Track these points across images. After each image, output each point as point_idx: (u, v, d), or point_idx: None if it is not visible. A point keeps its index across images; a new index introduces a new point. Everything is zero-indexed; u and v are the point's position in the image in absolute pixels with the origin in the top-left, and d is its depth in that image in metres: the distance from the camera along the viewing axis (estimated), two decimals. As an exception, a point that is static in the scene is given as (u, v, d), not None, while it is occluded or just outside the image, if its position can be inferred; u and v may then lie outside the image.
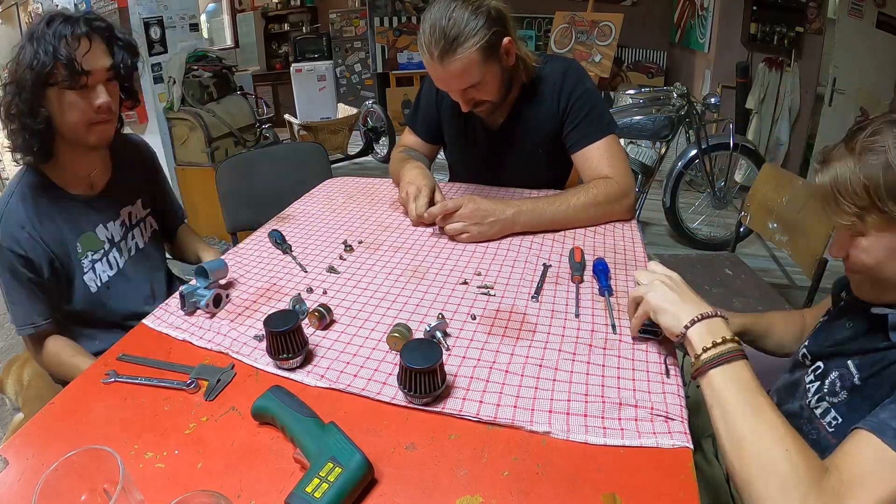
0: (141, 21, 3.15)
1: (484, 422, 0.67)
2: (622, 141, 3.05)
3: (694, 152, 2.96)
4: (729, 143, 2.94)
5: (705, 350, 0.67)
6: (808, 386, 0.80)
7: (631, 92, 3.20)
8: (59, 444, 0.66)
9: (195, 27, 3.55)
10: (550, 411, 0.68)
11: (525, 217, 1.14)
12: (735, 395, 0.63)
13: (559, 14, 4.28)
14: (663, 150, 2.98)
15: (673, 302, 0.74)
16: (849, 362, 0.75)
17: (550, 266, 1.04)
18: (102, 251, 1.09)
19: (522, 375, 0.74)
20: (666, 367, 0.76)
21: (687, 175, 3.09)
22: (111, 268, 1.10)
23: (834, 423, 0.74)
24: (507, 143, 1.38)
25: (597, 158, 1.24)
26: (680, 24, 4.75)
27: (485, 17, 1.07)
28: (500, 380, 0.74)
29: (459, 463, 0.62)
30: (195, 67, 3.23)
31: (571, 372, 0.75)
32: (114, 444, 0.56)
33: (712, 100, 2.94)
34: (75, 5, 3.29)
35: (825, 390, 0.77)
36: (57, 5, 3.49)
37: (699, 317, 0.71)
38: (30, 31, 0.94)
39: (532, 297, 0.94)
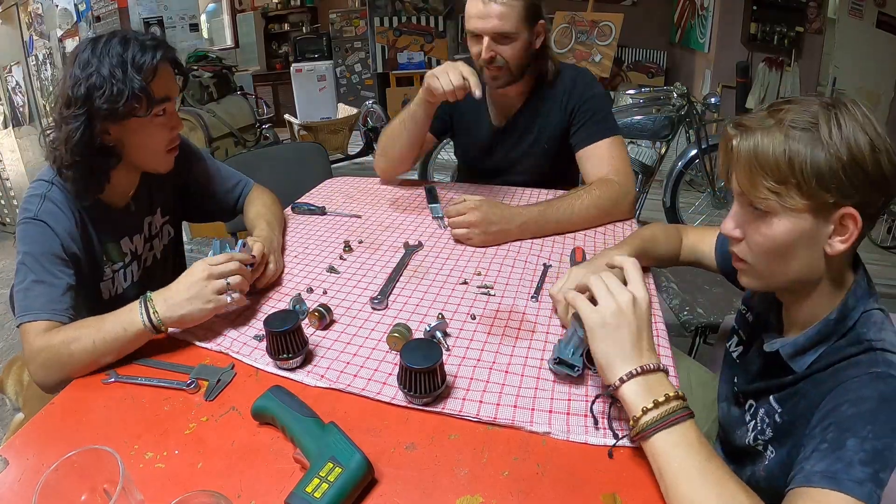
0: (141, 21, 3.15)
1: (484, 422, 0.67)
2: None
3: (694, 152, 2.96)
4: (729, 143, 2.94)
5: (645, 411, 0.60)
6: (747, 424, 0.78)
7: (631, 92, 3.20)
8: (59, 444, 0.66)
9: (195, 27, 3.55)
10: (550, 411, 0.68)
11: (531, 227, 1.15)
12: (683, 461, 0.57)
13: (559, 14, 4.28)
14: (663, 150, 2.98)
15: (615, 343, 0.65)
16: (771, 398, 0.73)
17: (550, 266, 1.04)
18: (122, 263, 1.06)
19: (522, 376, 0.74)
20: (594, 416, 0.68)
21: (687, 175, 3.09)
22: (125, 280, 1.08)
23: (771, 455, 0.72)
24: (511, 141, 1.42)
25: (599, 157, 1.28)
26: (680, 23, 4.75)
27: None
28: (500, 380, 0.74)
29: (459, 463, 0.62)
30: (195, 67, 3.23)
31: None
32: (114, 444, 0.56)
33: (712, 100, 2.94)
34: (75, 5, 3.29)
35: (758, 428, 0.75)
36: (57, 6, 3.49)
37: (637, 371, 0.62)
38: (96, 52, 0.87)
39: (532, 297, 0.94)
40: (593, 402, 0.69)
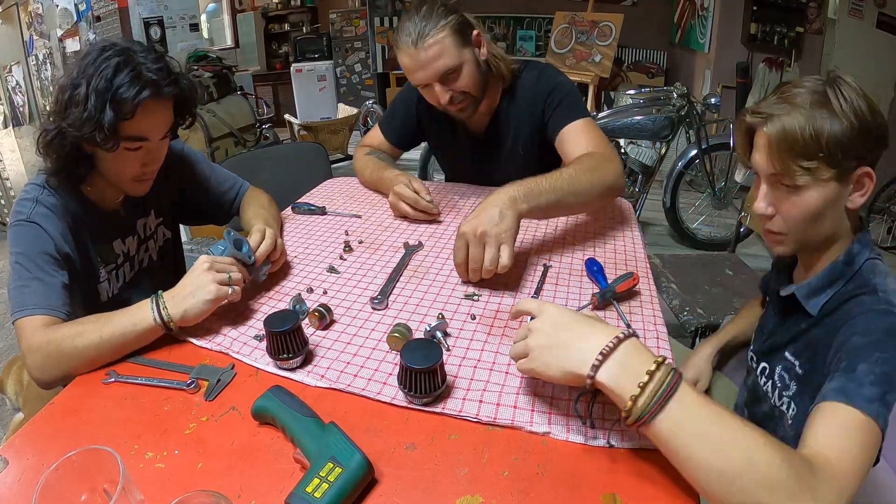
0: (141, 21, 3.15)
1: (483, 423, 0.67)
2: (622, 141, 3.05)
3: (694, 152, 2.96)
4: (729, 143, 2.94)
5: (635, 398, 0.54)
6: (764, 388, 0.83)
7: (631, 92, 3.20)
8: (59, 444, 0.66)
9: (195, 27, 3.55)
10: (550, 412, 0.68)
11: (525, 194, 0.97)
12: (699, 433, 0.52)
13: (559, 14, 4.28)
14: (663, 150, 2.98)
15: (560, 349, 0.59)
16: (786, 353, 0.80)
17: (551, 266, 1.04)
18: (114, 265, 1.06)
19: (522, 376, 0.74)
20: (580, 416, 0.64)
21: (687, 175, 3.09)
22: (118, 280, 1.08)
23: (791, 414, 0.78)
24: (492, 147, 1.41)
25: (575, 136, 1.23)
26: (680, 24, 4.75)
27: (451, 11, 1.16)
28: (500, 380, 0.74)
29: (459, 463, 0.62)
30: (195, 67, 3.24)
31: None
32: (114, 444, 0.56)
33: (712, 100, 2.94)
34: (75, 5, 3.29)
35: (779, 386, 0.81)
36: (57, 6, 3.49)
37: (599, 357, 0.56)
38: (89, 67, 0.85)
39: (532, 298, 0.94)
40: (576, 401, 0.64)
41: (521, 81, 1.32)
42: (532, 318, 0.65)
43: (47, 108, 0.96)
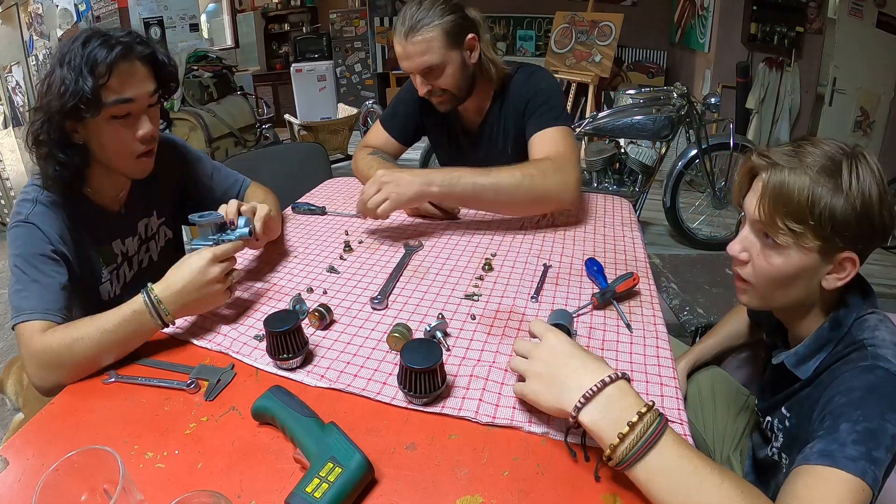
0: (141, 21, 3.15)
1: (483, 423, 0.67)
2: (622, 141, 3.05)
3: (694, 152, 2.96)
4: (729, 143, 2.94)
5: (622, 437, 0.54)
6: (766, 435, 0.84)
7: (631, 92, 3.20)
8: (59, 444, 0.66)
9: (195, 27, 3.56)
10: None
11: (442, 178, 1.10)
12: (677, 481, 0.53)
13: (559, 14, 4.28)
14: (663, 150, 2.98)
15: (554, 385, 0.61)
16: (782, 409, 0.79)
17: (551, 266, 1.04)
18: (114, 265, 1.05)
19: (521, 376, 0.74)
20: (570, 449, 0.63)
21: (687, 175, 3.09)
22: (119, 281, 1.08)
23: (785, 463, 0.77)
24: (485, 146, 1.42)
25: (540, 143, 1.23)
26: (680, 24, 4.75)
27: (451, 10, 1.18)
28: (500, 380, 0.74)
29: (459, 463, 0.62)
30: (195, 68, 3.24)
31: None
32: (114, 444, 0.56)
33: (712, 100, 2.94)
34: (75, 5, 3.29)
35: (770, 438, 0.82)
36: (57, 6, 3.49)
37: (587, 395, 0.57)
38: (61, 51, 0.85)
39: (532, 298, 0.94)
40: (566, 435, 0.63)
41: (513, 83, 1.33)
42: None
43: (30, 110, 0.94)
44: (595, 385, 0.57)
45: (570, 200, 1.16)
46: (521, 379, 0.66)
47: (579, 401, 0.57)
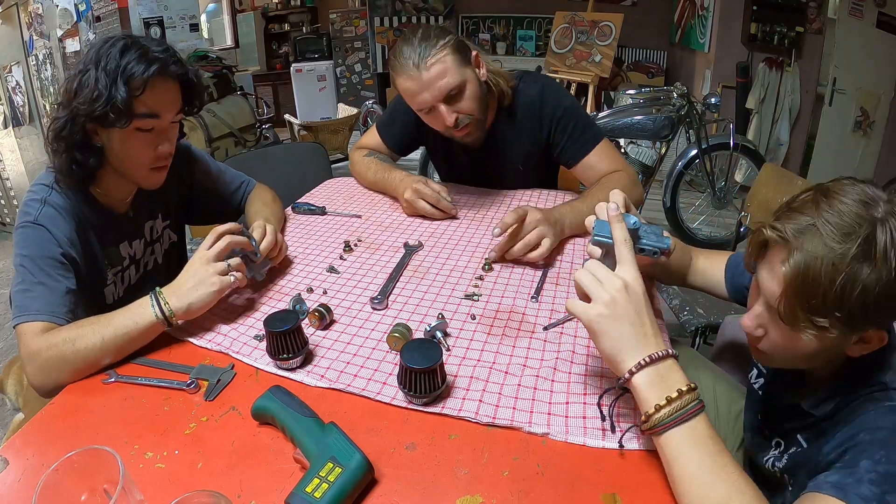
0: (141, 21, 3.15)
1: (483, 423, 0.67)
2: (622, 141, 3.05)
3: (694, 152, 2.96)
4: (729, 143, 2.94)
5: (658, 408, 0.58)
6: (769, 452, 0.80)
7: (631, 92, 3.20)
8: (59, 444, 0.66)
9: (195, 27, 3.56)
10: (549, 413, 0.68)
11: (569, 219, 1.11)
12: (693, 458, 0.56)
13: (559, 14, 4.28)
14: (663, 150, 2.98)
15: (617, 336, 0.62)
16: (798, 437, 0.75)
17: (551, 266, 1.04)
18: (120, 267, 1.05)
19: (521, 376, 0.74)
20: (601, 412, 0.67)
21: (687, 175, 3.09)
22: (123, 283, 1.07)
23: (790, 481, 0.74)
24: (489, 163, 1.40)
25: (597, 163, 1.28)
26: (680, 24, 4.75)
27: (446, 32, 1.17)
28: (500, 380, 0.74)
29: (459, 463, 0.62)
30: (195, 67, 3.24)
31: (570, 373, 0.75)
32: (114, 444, 0.56)
33: (712, 100, 2.94)
34: (75, 5, 3.29)
35: (775, 454, 0.78)
36: (57, 6, 3.49)
37: (645, 360, 0.60)
38: (97, 52, 0.86)
39: (532, 298, 0.94)
40: (601, 397, 0.68)
41: (520, 95, 1.31)
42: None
43: (54, 104, 0.95)
44: (659, 352, 0.61)
45: (642, 194, 1.26)
46: (583, 297, 0.65)
47: (639, 363, 0.60)
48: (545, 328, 0.84)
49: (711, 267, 0.98)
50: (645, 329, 0.62)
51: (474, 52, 1.20)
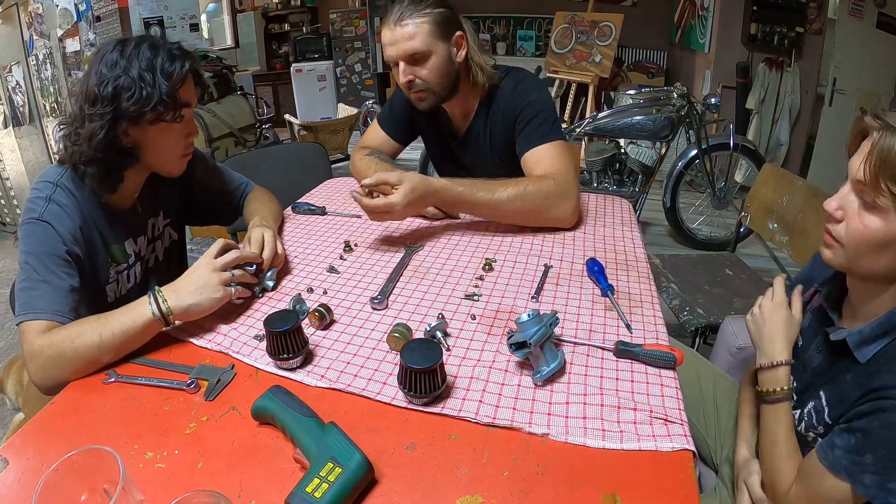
0: (141, 21, 3.15)
1: (483, 423, 0.67)
2: (622, 141, 3.05)
3: (694, 152, 2.96)
4: (729, 143, 2.94)
5: (767, 392, 0.84)
6: (795, 416, 0.82)
7: (631, 92, 3.20)
8: (59, 444, 0.66)
9: (195, 27, 3.56)
10: (549, 413, 0.68)
11: (447, 197, 1.15)
12: (777, 427, 0.80)
13: (559, 14, 4.28)
14: (663, 150, 2.98)
15: (759, 334, 0.89)
16: (820, 392, 0.77)
17: (551, 267, 1.04)
18: (127, 264, 1.05)
19: (521, 376, 0.74)
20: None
21: (687, 175, 3.09)
22: (129, 281, 1.07)
23: (818, 432, 0.78)
24: (471, 150, 1.41)
25: (537, 160, 1.22)
26: (680, 24, 4.75)
27: (441, 4, 1.19)
28: (500, 380, 0.74)
29: (459, 463, 0.62)
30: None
31: (570, 374, 0.75)
32: (114, 444, 0.56)
33: (712, 100, 2.94)
34: (75, 5, 3.29)
35: (805, 420, 0.80)
36: (57, 6, 3.49)
37: (768, 363, 0.85)
38: (123, 56, 0.89)
39: (532, 298, 0.94)
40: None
41: (499, 91, 1.31)
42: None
43: (78, 108, 0.95)
44: (779, 360, 0.84)
45: (569, 223, 1.20)
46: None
47: (764, 363, 0.85)
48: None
49: None
50: (776, 338, 0.87)
51: (458, 33, 1.22)
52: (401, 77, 1.22)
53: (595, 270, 0.98)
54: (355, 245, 1.15)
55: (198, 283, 0.84)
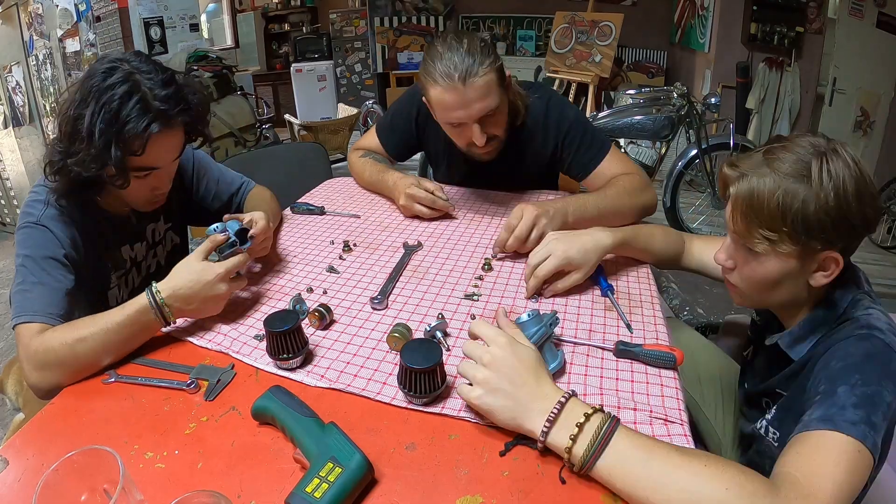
0: (141, 21, 3.15)
1: (483, 423, 0.67)
2: (622, 141, 3.05)
3: (694, 152, 2.96)
4: (729, 142, 2.94)
5: (573, 439, 0.56)
6: (763, 416, 0.83)
7: (631, 92, 3.21)
8: (59, 444, 0.66)
9: (195, 27, 3.56)
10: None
11: (573, 207, 1.08)
12: (631, 476, 0.54)
13: (559, 14, 4.28)
14: (663, 150, 2.99)
15: (509, 402, 0.61)
16: (776, 389, 0.80)
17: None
18: (123, 270, 1.05)
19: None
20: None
21: (687, 175, 3.09)
22: (127, 286, 1.07)
23: (774, 437, 0.78)
24: (493, 173, 1.37)
25: (609, 171, 1.23)
26: (680, 24, 4.75)
27: (492, 48, 1.10)
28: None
29: (459, 463, 0.62)
30: (195, 67, 3.23)
31: (569, 374, 0.75)
32: (114, 444, 0.56)
33: (712, 100, 2.94)
34: (75, 5, 3.29)
35: (763, 415, 0.82)
36: (57, 6, 3.49)
37: (548, 423, 0.59)
38: (97, 90, 0.82)
39: (532, 298, 0.94)
40: (514, 443, 0.63)
41: (530, 110, 1.28)
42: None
43: (52, 135, 0.93)
44: (555, 408, 0.59)
45: (654, 198, 1.21)
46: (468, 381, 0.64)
47: (545, 426, 0.59)
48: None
49: (707, 249, 1.01)
50: (533, 392, 0.61)
51: (508, 73, 1.16)
52: (478, 141, 1.13)
53: (595, 270, 0.98)
54: (354, 245, 1.15)
55: (196, 282, 0.82)
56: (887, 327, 0.68)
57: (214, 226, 0.91)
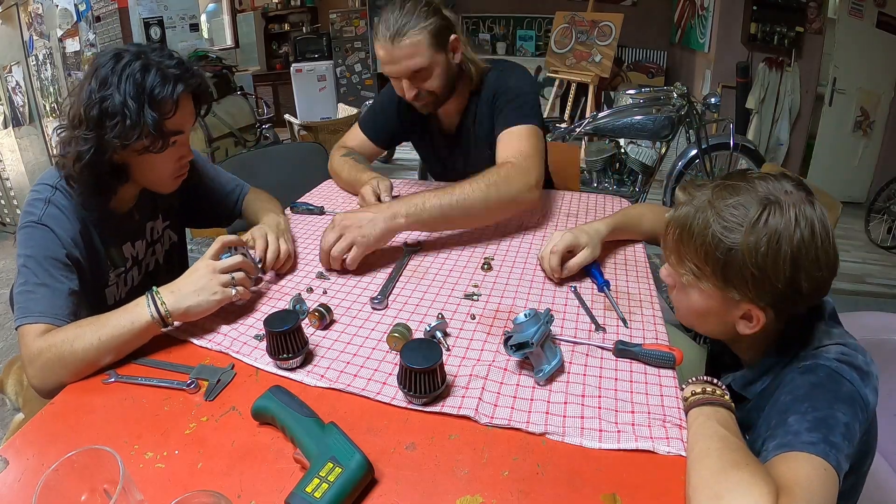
0: (141, 21, 3.15)
1: (482, 423, 0.67)
2: (622, 141, 3.05)
3: (694, 152, 2.96)
4: (729, 142, 2.94)
5: (693, 393, 0.67)
6: None
7: (631, 92, 3.20)
8: (59, 444, 0.66)
9: (195, 27, 3.56)
10: (547, 413, 0.68)
11: (406, 209, 1.03)
12: (705, 434, 0.61)
13: (559, 14, 4.29)
14: (663, 150, 2.98)
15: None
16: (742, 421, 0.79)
17: (550, 266, 1.04)
18: (124, 268, 1.05)
19: (520, 375, 0.74)
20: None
21: (687, 175, 3.09)
22: (126, 284, 1.07)
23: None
24: (462, 145, 1.42)
25: (505, 143, 1.20)
26: (680, 24, 4.75)
27: (433, 13, 1.17)
28: (500, 379, 0.74)
29: (459, 463, 0.62)
30: (199, 67, 3.24)
31: (569, 373, 0.75)
32: (114, 444, 0.56)
33: (712, 100, 2.94)
34: (75, 5, 3.29)
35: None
36: (57, 6, 3.49)
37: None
38: (114, 73, 0.85)
39: (557, 284, 0.94)
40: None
41: (487, 81, 1.32)
42: None
43: (68, 122, 0.92)
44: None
45: (533, 200, 1.15)
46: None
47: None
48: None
49: None
50: None
51: (453, 37, 1.21)
52: (406, 93, 1.22)
53: (591, 266, 0.98)
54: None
55: (197, 285, 0.83)
56: (837, 356, 0.66)
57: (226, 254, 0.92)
